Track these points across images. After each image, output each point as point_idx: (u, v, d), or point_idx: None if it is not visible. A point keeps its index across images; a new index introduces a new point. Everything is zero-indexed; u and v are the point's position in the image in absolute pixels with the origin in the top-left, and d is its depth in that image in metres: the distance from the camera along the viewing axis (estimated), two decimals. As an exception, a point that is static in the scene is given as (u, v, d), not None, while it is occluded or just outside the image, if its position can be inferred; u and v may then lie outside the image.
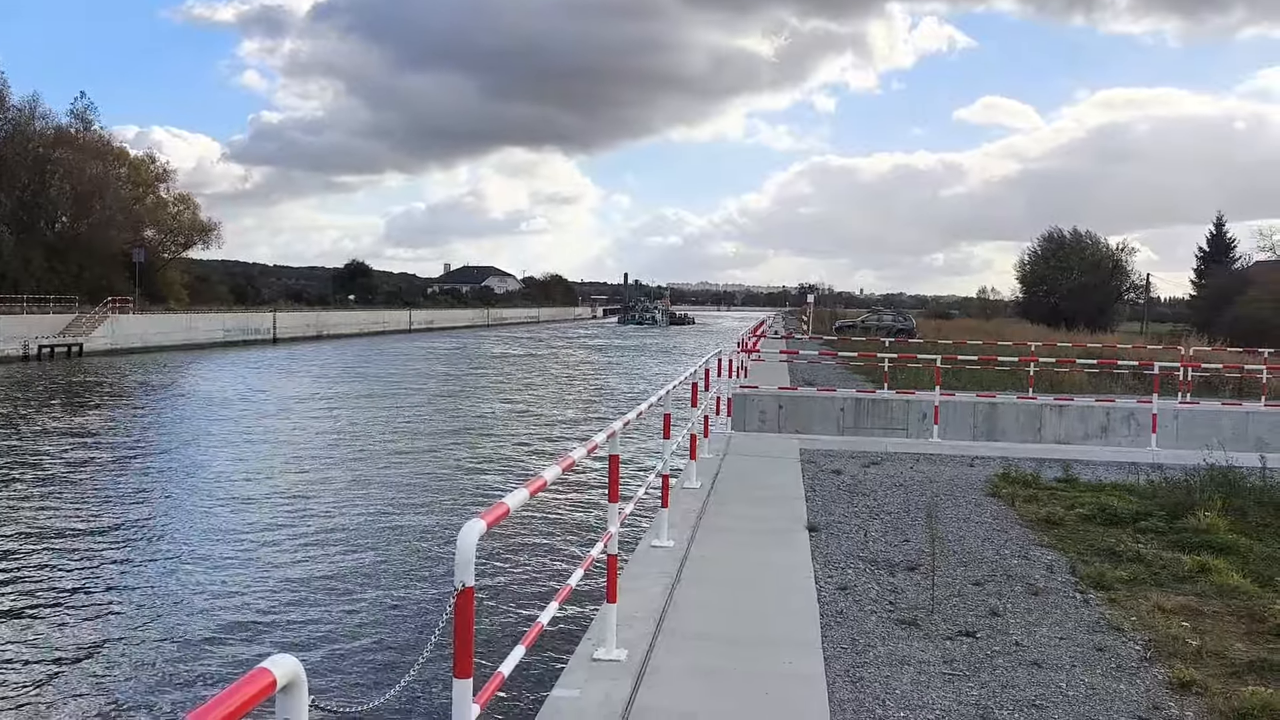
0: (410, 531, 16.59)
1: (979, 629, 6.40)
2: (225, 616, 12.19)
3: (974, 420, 17.65)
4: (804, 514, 9.70)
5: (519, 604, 12.35)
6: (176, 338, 64.56)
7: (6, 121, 67.97)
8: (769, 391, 18.83)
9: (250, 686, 1.81)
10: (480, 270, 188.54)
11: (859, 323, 62.51)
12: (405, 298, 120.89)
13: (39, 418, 29.56)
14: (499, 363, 60.34)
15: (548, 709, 4.90)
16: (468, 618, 3.13)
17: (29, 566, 13.99)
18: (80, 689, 10.10)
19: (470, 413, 34.14)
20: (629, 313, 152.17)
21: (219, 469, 22.13)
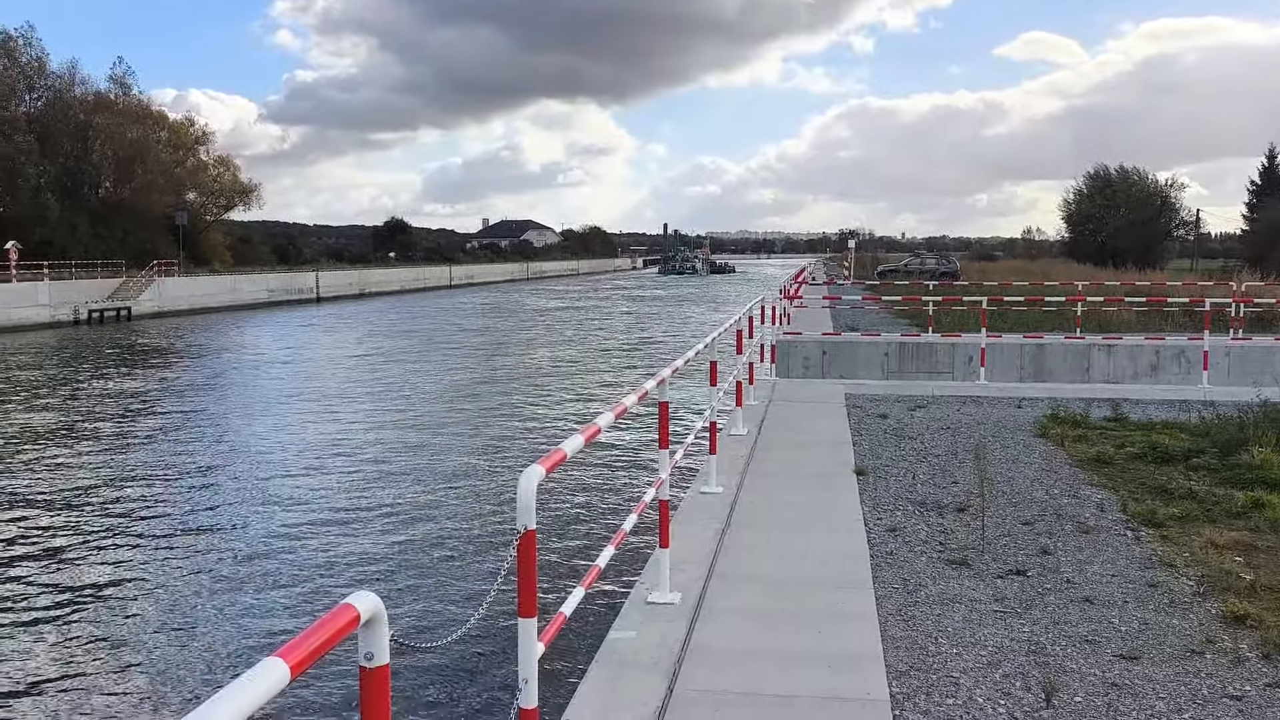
0: (470, 477, 16.94)
1: (1030, 567, 6.43)
2: (299, 558, 12.62)
3: (1021, 362, 17.53)
4: (851, 458, 9.74)
5: (576, 547, 12.57)
6: (222, 299, 65.35)
7: (47, 89, 68.62)
8: (812, 338, 18.80)
9: (335, 621, 1.89)
10: (518, 224, 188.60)
11: (901, 267, 61.98)
12: (445, 254, 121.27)
13: (97, 381, 30.18)
14: (542, 315, 60.56)
15: (605, 650, 5.01)
16: (530, 560, 3.21)
17: (113, 514, 14.52)
18: (169, 625, 10.49)
19: (518, 365, 34.39)
20: (669, 263, 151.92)
21: (277, 423, 22.53)
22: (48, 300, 51.70)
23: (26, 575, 12.04)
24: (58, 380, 30.57)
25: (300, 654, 1.76)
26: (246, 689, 1.63)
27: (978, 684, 4.68)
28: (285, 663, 1.72)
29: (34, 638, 10.02)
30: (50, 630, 10.26)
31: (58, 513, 14.73)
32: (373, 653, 2.04)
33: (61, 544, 13.14)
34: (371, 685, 2.06)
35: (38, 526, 13.99)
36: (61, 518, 14.49)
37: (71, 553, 12.83)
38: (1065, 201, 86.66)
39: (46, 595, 11.33)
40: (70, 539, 13.43)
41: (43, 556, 12.61)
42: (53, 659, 9.59)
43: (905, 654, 5.02)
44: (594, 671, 4.77)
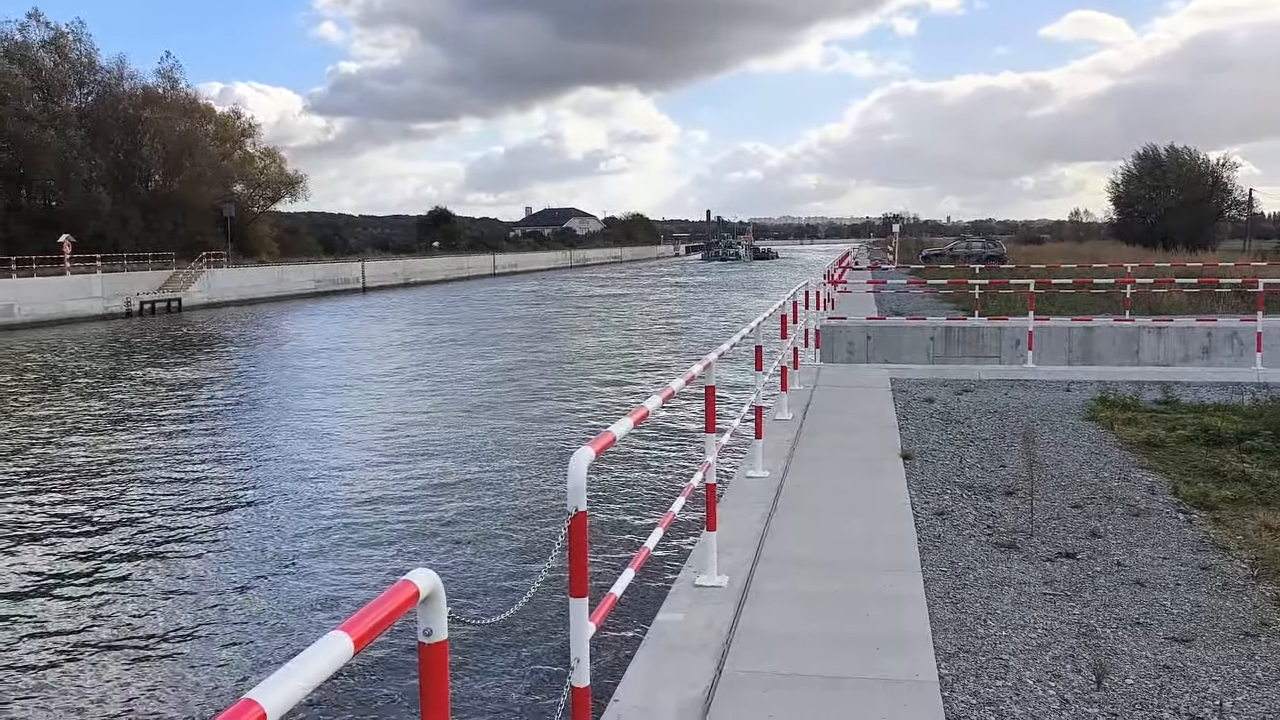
0: (519, 459, 17.26)
1: (1079, 550, 6.38)
2: (354, 537, 12.99)
3: (1069, 345, 17.33)
4: (897, 442, 9.70)
5: (625, 529, 12.68)
6: (269, 290, 66.18)
7: (97, 84, 69.78)
8: (857, 322, 18.71)
9: (396, 597, 1.94)
10: (561, 212, 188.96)
11: (947, 250, 61.34)
12: (488, 242, 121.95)
13: (152, 370, 30.74)
14: (587, 303, 60.73)
15: (654, 631, 5.06)
16: (581, 540, 3.26)
17: (172, 494, 14.95)
18: (233, 601, 10.87)
19: (564, 351, 34.58)
20: (713, 249, 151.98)
21: (329, 409, 22.93)
22: (100, 292, 52.64)
23: (94, 549, 12.42)
24: (114, 370, 31.19)
25: (363, 628, 1.81)
26: (313, 660, 1.68)
27: (1027, 666, 4.67)
28: (349, 636, 1.77)
29: (100, 612, 10.27)
30: (119, 603, 10.52)
31: (123, 493, 15.11)
32: (431, 628, 2.09)
33: (127, 522, 13.46)
34: (431, 660, 2.11)
35: (103, 505, 14.35)
36: (126, 499, 14.89)
37: (140, 531, 13.20)
38: (1113, 183, 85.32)
39: (113, 567, 11.66)
40: (138, 518, 13.81)
41: (107, 533, 12.93)
42: (123, 630, 9.85)
43: (954, 636, 5.02)
44: (643, 653, 4.82)
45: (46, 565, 11.98)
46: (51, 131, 61.41)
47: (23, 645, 9.63)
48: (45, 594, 11.03)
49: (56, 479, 16.19)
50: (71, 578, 11.57)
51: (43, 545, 12.77)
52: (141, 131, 69.54)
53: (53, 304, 48.94)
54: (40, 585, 11.30)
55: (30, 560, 12.16)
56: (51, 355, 35.67)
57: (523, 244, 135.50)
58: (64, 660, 9.32)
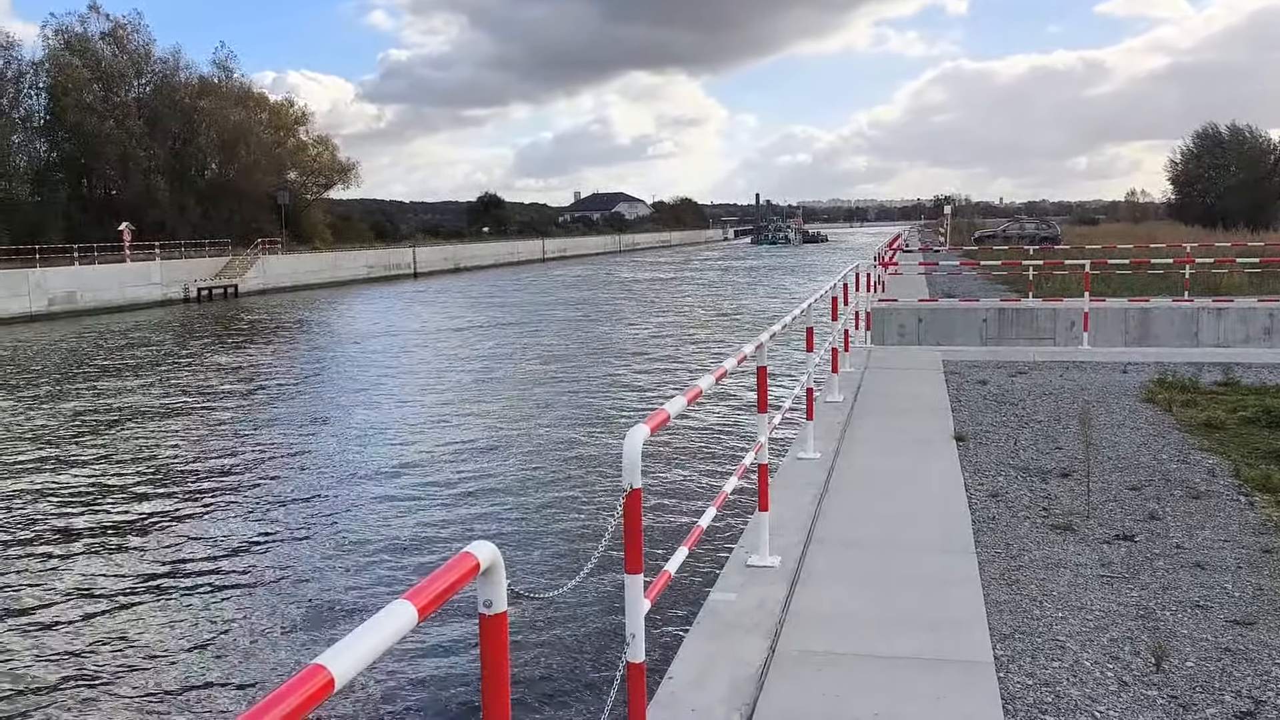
0: (574, 438, 17.48)
1: (1137, 533, 6.30)
2: (412, 513, 13.30)
3: (1125, 326, 17.05)
4: (950, 424, 9.62)
5: (677, 507, 12.76)
6: (323, 276, 66.96)
7: (154, 75, 70.90)
8: (908, 305, 18.54)
9: (457, 568, 1.97)
10: (610, 197, 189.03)
11: (1000, 232, 60.60)
12: (537, 227, 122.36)
13: (212, 356, 31.29)
14: (637, 287, 60.76)
15: (706, 611, 5.08)
16: (635, 517, 3.28)
17: (237, 474, 15.22)
18: (303, 576, 11.16)
19: (617, 333, 34.67)
20: (762, 233, 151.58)
21: (385, 391, 23.24)
22: (159, 279, 53.61)
23: (165, 525, 12.74)
24: (177, 354, 31.82)
25: (426, 597, 1.85)
26: (378, 628, 1.72)
27: (1084, 648, 4.63)
28: (413, 605, 1.81)
29: (171, 577, 10.51)
30: (193, 577, 10.77)
31: (187, 474, 15.44)
32: (491, 600, 2.13)
33: (193, 501, 13.76)
34: (490, 631, 2.14)
35: (170, 483, 14.69)
36: (192, 476, 15.23)
37: (208, 508, 13.53)
38: (1171, 162, 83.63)
39: (184, 545, 11.93)
40: (204, 496, 14.13)
41: (178, 510, 13.23)
42: (199, 600, 10.10)
43: (1009, 617, 4.98)
44: (696, 631, 4.84)
45: (125, 531, 12.29)
46: (111, 122, 62.58)
47: (96, 601, 9.89)
48: (122, 550, 11.32)
49: (131, 455, 16.57)
50: (144, 546, 11.86)
51: (117, 515, 13.08)
52: (198, 121, 70.61)
53: (114, 290, 49.93)
54: (117, 549, 11.60)
55: (105, 527, 12.48)
56: (116, 340, 36.42)
57: (571, 229, 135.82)
58: (135, 618, 9.57)
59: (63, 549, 12.09)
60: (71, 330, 40.36)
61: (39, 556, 11.82)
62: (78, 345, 35.00)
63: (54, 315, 45.61)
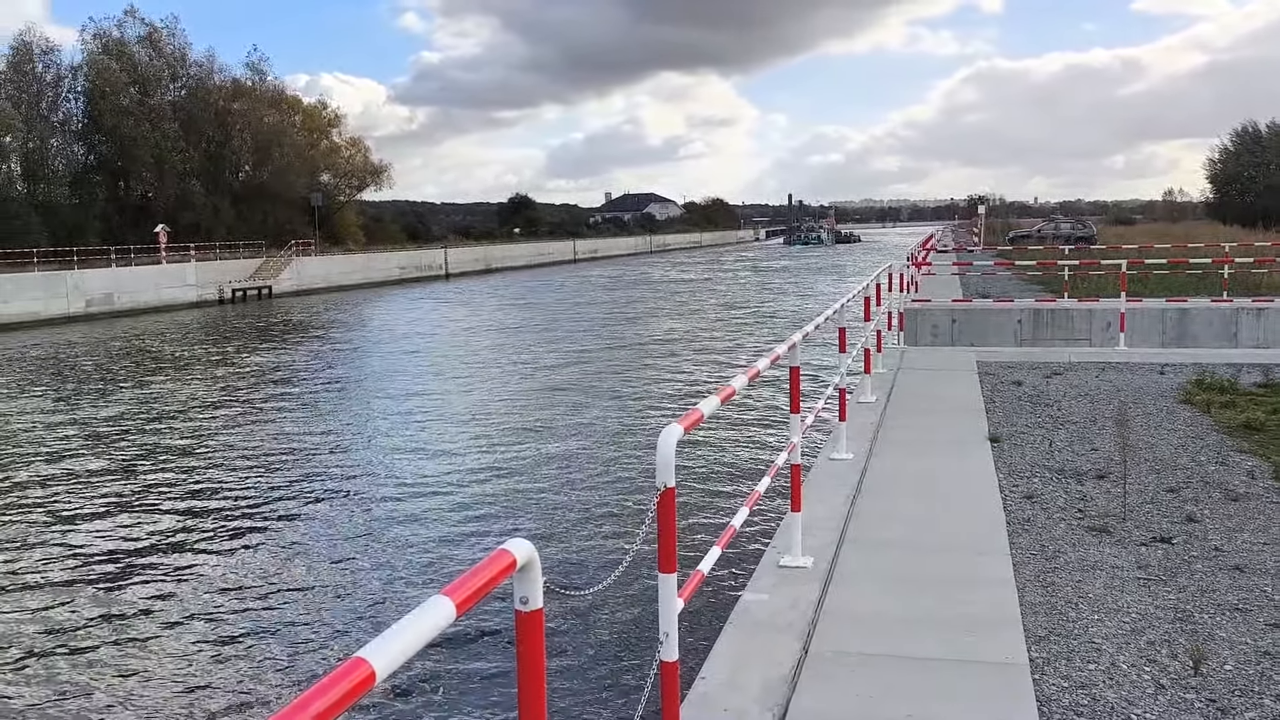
0: (608, 437, 17.55)
1: (1175, 535, 6.24)
2: (448, 511, 13.40)
3: (1163, 327, 16.87)
4: (985, 425, 9.56)
5: (710, 507, 12.78)
6: (356, 277, 67.42)
7: (190, 78, 71.64)
8: (941, 305, 18.43)
9: (494, 565, 1.99)
10: (641, 198, 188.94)
11: (1034, 232, 60.13)
12: (568, 228, 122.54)
13: (248, 355, 31.61)
14: (669, 287, 60.74)
15: (739, 611, 5.08)
16: (669, 516, 3.29)
17: (277, 468, 15.50)
18: (340, 571, 11.28)
19: (650, 333, 34.69)
20: (795, 233, 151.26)
21: (420, 390, 23.45)
22: (194, 280, 54.18)
23: (210, 516, 12.95)
24: (214, 354, 32.20)
25: (464, 593, 1.86)
26: (418, 622, 1.74)
27: (1121, 650, 4.59)
28: (451, 600, 1.82)
29: (216, 575, 10.63)
30: (234, 568, 10.90)
31: (232, 468, 15.71)
32: (527, 597, 2.14)
33: (236, 494, 13.95)
34: (526, 628, 2.15)
35: (212, 479, 14.93)
36: (233, 472, 15.47)
37: (248, 503, 13.75)
38: (1210, 161, 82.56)
39: (223, 537, 12.11)
40: (245, 491, 14.39)
41: (217, 503, 13.41)
42: (237, 593, 10.23)
43: (1044, 619, 4.95)
44: (729, 631, 4.84)
45: (169, 527, 12.44)
46: (147, 125, 63.31)
47: (140, 601, 10.03)
48: (165, 552, 11.46)
49: (172, 454, 16.77)
50: (187, 541, 12.01)
51: (162, 512, 13.24)
52: (232, 123, 71.32)
53: (150, 292, 50.51)
54: (162, 545, 11.74)
55: (150, 524, 12.64)
56: (153, 340, 36.86)
57: (603, 230, 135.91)
58: (182, 616, 9.70)
59: (101, 543, 12.26)
60: (109, 331, 40.90)
61: (67, 552, 11.98)
62: (116, 345, 35.44)
63: (92, 316, 46.20)
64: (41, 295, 44.62)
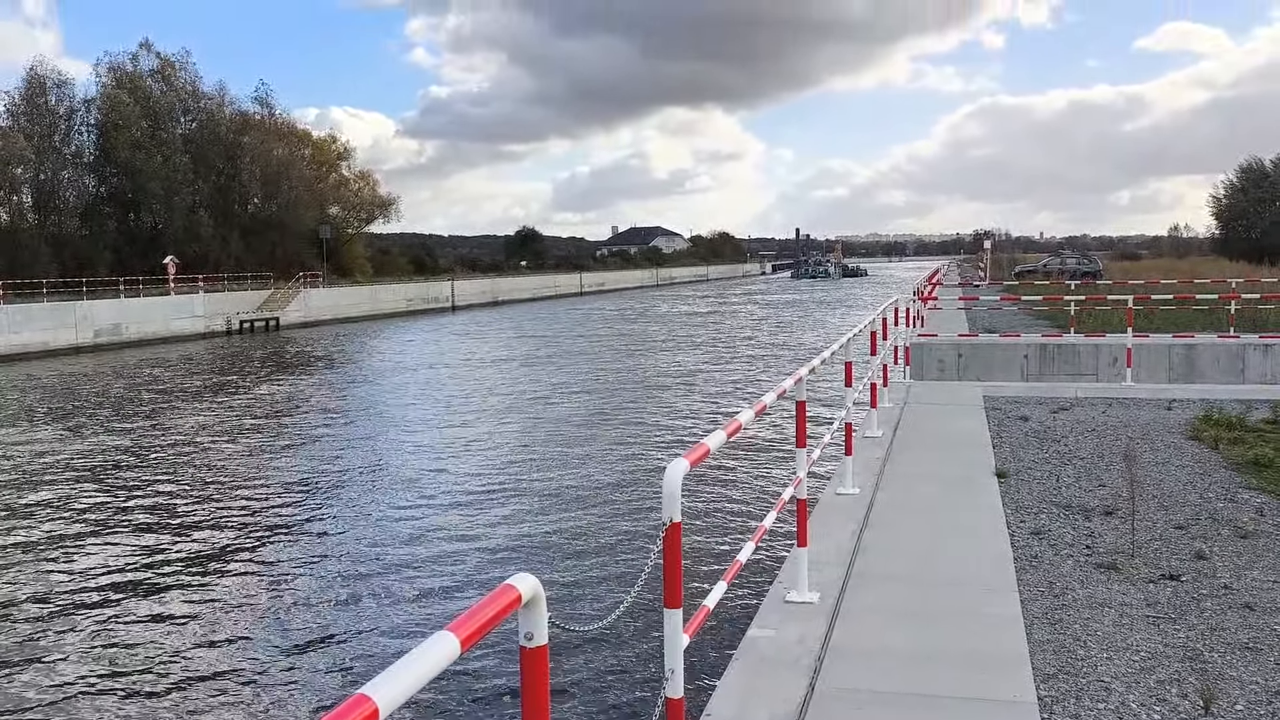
0: (614, 471, 17.51)
1: (1183, 572, 6.19)
2: (451, 544, 13.41)
3: (1169, 362, 16.83)
4: (991, 460, 9.53)
5: (716, 542, 12.74)
6: (363, 308, 67.64)
7: (201, 111, 72.20)
8: (948, 339, 18.42)
9: (499, 601, 1.98)
10: (647, 231, 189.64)
11: (1040, 267, 60.21)
12: (575, 261, 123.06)
13: (257, 387, 31.64)
14: (675, 321, 60.80)
15: (745, 646, 5.04)
16: (675, 551, 3.28)
17: (282, 505, 15.44)
18: (338, 605, 11.26)
19: (657, 367, 34.66)
20: (802, 267, 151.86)
21: (427, 421, 23.44)
22: (203, 311, 54.37)
23: (213, 550, 12.89)
24: (222, 385, 32.27)
25: (469, 629, 1.86)
26: (422, 658, 1.73)
27: (1130, 689, 4.55)
28: (456, 636, 1.82)
29: (214, 611, 10.59)
30: (234, 605, 10.85)
31: (233, 500, 15.65)
32: (532, 633, 2.13)
33: (237, 527, 13.90)
34: (531, 664, 2.14)
35: (219, 509, 14.86)
36: (239, 504, 15.44)
37: (249, 534, 13.67)
38: (1214, 197, 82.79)
39: (222, 570, 12.04)
40: (247, 524, 14.34)
41: (225, 536, 13.36)
42: (237, 627, 10.17)
43: (1053, 657, 4.91)
44: (735, 667, 4.81)
45: (168, 556, 12.41)
46: (159, 157, 63.76)
47: (140, 629, 9.98)
48: (161, 581, 11.42)
49: (179, 483, 16.76)
50: (186, 572, 11.96)
51: (165, 541, 13.22)
52: (240, 156, 71.79)
53: (158, 323, 50.68)
54: (159, 574, 11.70)
55: (150, 552, 12.60)
56: (161, 370, 36.94)
57: (609, 263, 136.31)
58: (180, 648, 9.64)
59: (114, 562, 12.22)
60: (117, 362, 40.99)
61: (84, 574, 11.96)
62: (124, 376, 35.50)
63: (100, 347, 46.34)
64: (50, 325, 44.79)
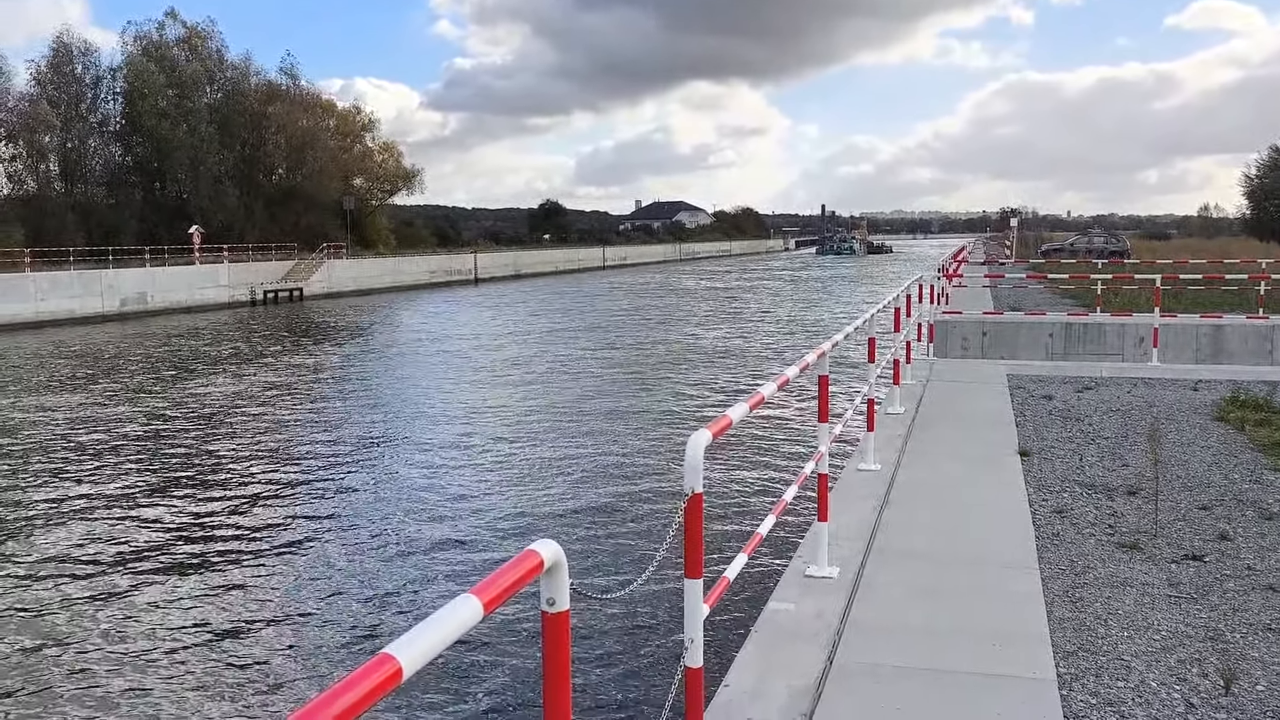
0: (636, 443, 17.59)
1: (1207, 553, 6.16)
2: (475, 511, 13.58)
3: (1196, 343, 16.70)
4: (1014, 439, 9.49)
5: (736, 514, 12.78)
6: (385, 280, 67.83)
7: (227, 81, 72.31)
8: (972, 317, 18.32)
9: (522, 565, 1.99)
10: (670, 205, 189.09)
11: (1067, 246, 59.69)
12: (598, 235, 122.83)
13: (282, 357, 31.88)
14: (698, 296, 60.70)
15: (764, 619, 5.06)
16: (696, 522, 3.28)
17: (311, 472, 15.61)
18: (364, 569, 11.44)
19: (681, 341, 34.65)
20: (827, 243, 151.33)
21: (450, 392, 23.59)
22: (227, 281, 54.68)
23: (248, 517, 13.01)
24: (250, 354, 32.59)
25: (492, 593, 1.87)
26: (445, 620, 1.74)
27: (1150, 668, 4.54)
28: (479, 599, 1.83)
29: (245, 575, 10.72)
30: (266, 567, 10.97)
31: (263, 471, 15.82)
32: (554, 598, 2.14)
33: (266, 497, 14.03)
34: (553, 629, 2.16)
35: (249, 472, 15.02)
36: (261, 474, 15.61)
37: (276, 502, 13.80)
38: (1245, 176, 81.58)
39: (257, 539, 12.17)
40: (275, 493, 14.49)
41: (256, 503, 13.50)
42: (269, 593, 10.30)
43: (1073, 635, 4.90)
44: (753, 640, 4.83)
45: (196, 522, 12.56)
46: (184, 127, 63.96)
47: (163, 594, 10.12)
48: (187, 548, 11.56)
49: (213, 447, 16.93)
50: (212, 538, 12.10)
51: (193, 506, 13.37)
52: (266, 126, 71.88)
53: (183, 292, 51.02)
54: (185, 540, 11.84)
55: (178, 517, 12.75)
56: (189, 340, 37.22)
57: (632, 237, 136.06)
58: (204, 616, 9.76)
59: (141, 537, 12.37)
60: (142, 330, 41.33)
61: (115, 541, 12.10)
62: (149, 344, 35.80)
63: (125, 315, 46.70)
64: (77, 293, 45.15)
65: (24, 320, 41.55)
